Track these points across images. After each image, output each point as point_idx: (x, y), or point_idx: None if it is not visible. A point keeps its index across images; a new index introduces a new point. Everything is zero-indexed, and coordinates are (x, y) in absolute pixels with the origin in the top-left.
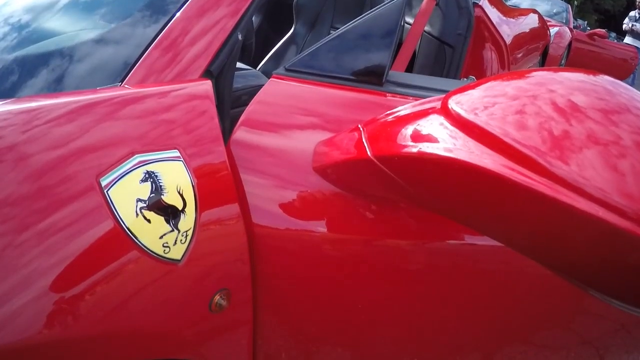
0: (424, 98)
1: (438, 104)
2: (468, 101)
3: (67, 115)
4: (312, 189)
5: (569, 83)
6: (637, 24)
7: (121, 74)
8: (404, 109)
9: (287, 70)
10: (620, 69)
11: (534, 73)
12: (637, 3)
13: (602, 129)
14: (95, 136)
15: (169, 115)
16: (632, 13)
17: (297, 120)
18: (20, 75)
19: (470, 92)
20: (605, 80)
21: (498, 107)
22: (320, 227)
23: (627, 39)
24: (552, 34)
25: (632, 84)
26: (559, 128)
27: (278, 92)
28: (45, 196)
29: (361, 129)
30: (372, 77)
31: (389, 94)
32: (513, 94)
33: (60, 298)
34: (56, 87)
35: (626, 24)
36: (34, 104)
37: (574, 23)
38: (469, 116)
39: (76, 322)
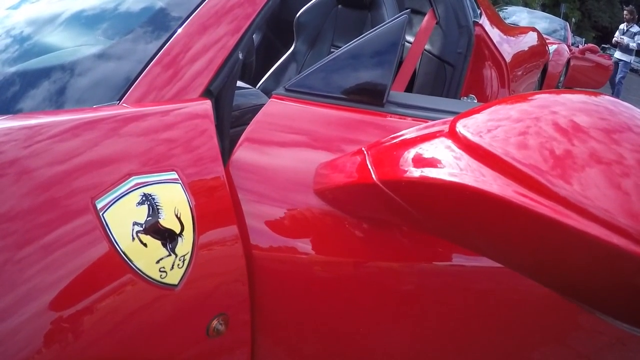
0: (425, 119)
1: (445, 127)
2: (474, 124)
3: (64, 134)
4: (312, 210)
5: (571, 104)
6: (624, 37)
7: (121, 91)
8: (409, 132)
9: (286, 90)
10: (604, 74)
11: (537, 96)
12: (624, 16)
13: (605, 148)
14: (92, 156)
15: (167, 135)
16: (621, 26)
17: (298, 141)
18: (19, 89)
19: (476, 116)
20: (606, 100)
21: (502, 130)
22: (318, 248)
23: (617, 53)
24: (550, 52)
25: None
26: (561, 148)
27: (278, 112)
28: (35, 220)
29: (365, 152)
30: (373, 98)
31: (390, 115)
32: (517, 116)
33: (48, 324)
34: (55, 102)
35: (615, 37)
36: (30, 122)
37: (572, 40)
38: (475, 139)
39: (64, 350)
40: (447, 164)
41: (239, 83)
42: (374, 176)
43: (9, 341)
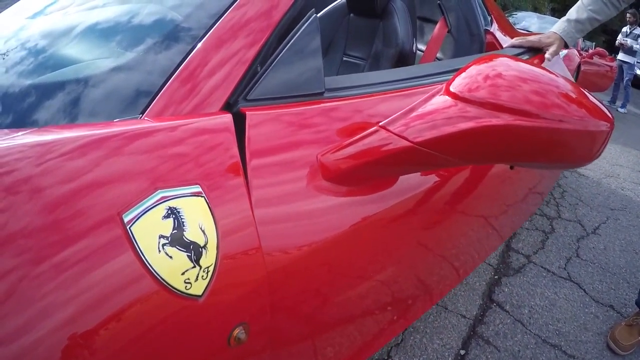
0: (361, 95)
1: (442, 91)
2: (455, 83)
3: (88, 148)
4: (324, 206)
5: (516, 67)
6: (627, 39)
7: (142, 105)
8: (418, 104)
9: (247, 100)
10: (611, 77)
11: (499, 59)
12: (627, 18)
13: (506, 83)
14: (117, 170)
15: (190, 149)
16: (624, 28)
17: (285, 142)
18: (46, 102)
19: (459, 77)
20: (562, 78)
21: (467, 83)
22: (334, 247)
23: (620, 55)
24: (561, 57)
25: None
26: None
27: (258, 121)
28: (66, 230)
29: (383, 128)
30: (314, 89)
31: (331, 100)
32: (472, 74)
33: (78, 331)
34: (75, 115)
35: (619, 39)
36: (53, 137)
37: (582, 45)
38: (457, 92)
39: (92, 357)
40: (451, 114)
41: None
42: (409, 142)
43: (33, 351)
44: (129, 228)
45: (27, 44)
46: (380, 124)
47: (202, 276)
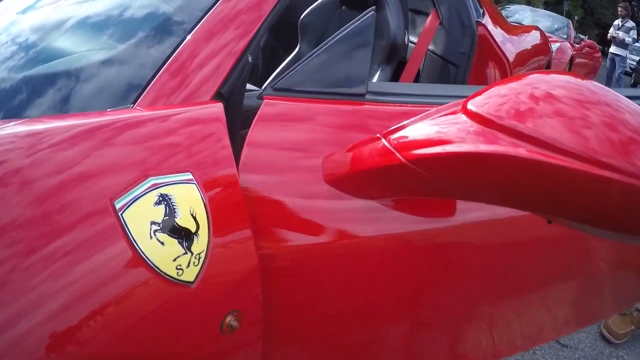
0: (403, 103)
1: (458, 108)
2: (482, 102)
3: (80, 137)
4: (320, 205)
5: (554, 82)
6: (619, 32)
7: (132, 98)
8: (423, 117)
9: (275, 90)
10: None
11: (530, 75)
12: (619, 12)
13: (572, 109)
14: (109, 159)
15: (181, 138)
16: (615, 22)
17: (297, 137)
18: (35, 95)
19: (483, 94)
20: (593, 84)
21: (503, 104)
22: (328, 240)
23: (612, 48)
24: (553, 50)
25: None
26: (544, 110)
27: (274, 112)
28: (58, 219)
29: (382, 138)
30: (355, 90)
31: (372, 104)
32: (505, 93)
33: (70, 319)
34: (65, 107)
35: (610, 32)
36: (44, 127)
37: (575, 38)
38: (481, 112)
39: (84, 345)
40: (464, 136)
41: (247, 85)
42: (400, 157)
43: (21, 343)
44: (121, 215)
45: (17, 38)
46: (381, 133)
47: (194, 263)
